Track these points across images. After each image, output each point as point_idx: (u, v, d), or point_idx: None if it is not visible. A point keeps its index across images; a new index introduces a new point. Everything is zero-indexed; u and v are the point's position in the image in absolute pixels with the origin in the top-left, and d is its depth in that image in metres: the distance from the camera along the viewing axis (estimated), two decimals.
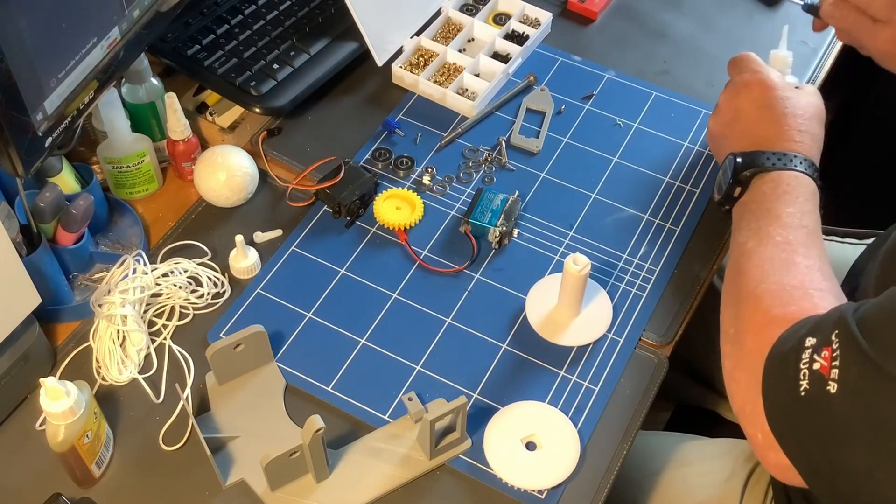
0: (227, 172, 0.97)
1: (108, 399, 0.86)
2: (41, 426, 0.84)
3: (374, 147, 1.06)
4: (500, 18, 1.19)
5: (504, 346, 0.91)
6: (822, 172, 0.87)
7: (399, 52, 1.13)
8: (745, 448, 1.01)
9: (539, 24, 1.18)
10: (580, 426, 0.85)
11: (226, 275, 0.94)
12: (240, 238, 0.92)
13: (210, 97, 1.11)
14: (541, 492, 0.81)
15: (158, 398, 0.86)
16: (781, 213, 0.82)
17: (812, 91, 0.93)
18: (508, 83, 1.13)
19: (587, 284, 0.89)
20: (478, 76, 1.12)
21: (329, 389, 0.87)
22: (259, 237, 0.98)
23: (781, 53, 1.02)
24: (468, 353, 0.90)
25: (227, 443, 0.83)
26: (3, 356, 0.82)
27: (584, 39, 1.20)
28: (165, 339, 0.90)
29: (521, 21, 1.18)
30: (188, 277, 0.93)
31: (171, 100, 0.96)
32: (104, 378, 0.87)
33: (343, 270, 0.96)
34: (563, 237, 0.99)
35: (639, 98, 1.12)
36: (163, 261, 0.94)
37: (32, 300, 0.82)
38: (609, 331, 0.92)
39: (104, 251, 0.95)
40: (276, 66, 1.08)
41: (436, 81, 1.11)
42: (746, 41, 1.19)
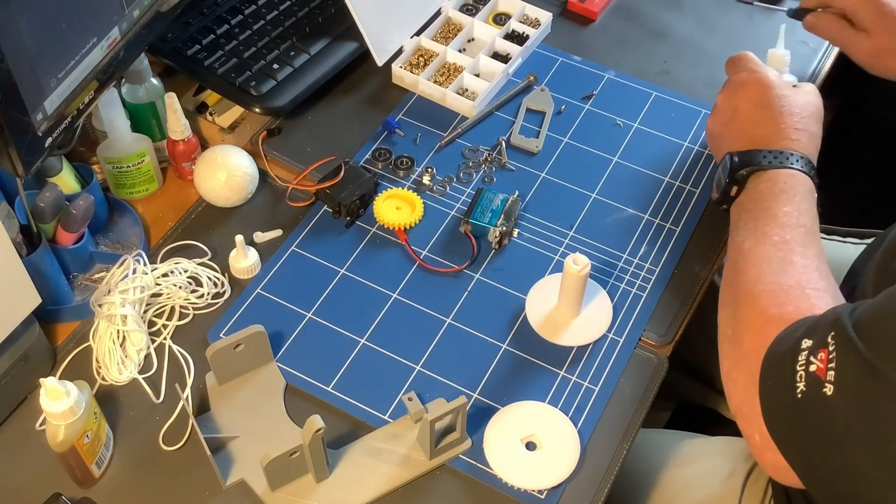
0: (227, 172, 0.97)
1: (108, 399, 0.86)
2: (41, 426, 0.84)
3: (374, 147, 1.06)
4: (500, 18, 1.19)
5: (504, 346, 0.91)
6: (823, 172, 0.87)
7: (399, 52, 1.13)
8: (745, 446, 1.00)
9: (539, 24, 1.18)
10: (580, 426, 0.85)
11: (226, 275, 0.94)
12: (240, 238, 0.92)
13: (210, 97, 1.11)
14: (541, 492, 0.81)
15: (158, 398, 0.86)
16: (778, 213, 0.82)
17: (810, 90, 0.93)
18: (508, 83, 1.13)
19: (587, 284, 0.89)
20: (478, 76, 1.12)
21: (329, 389, 0.87)
22: (259, 237, 0.98)
23: (779, 52, 1.02)
24: (468, 353, 0.90)
25: (227, 443, 0.83)
26: (3, 356, 0.82)
27: (584, 39, 1.20)
28: (165, 339, 0.90)
29: (521, 21, 1.18)
30: (188, 277, 0.93)
31: (171, 100, 0.96)
32: (104, 378, 0.87)
33: (343, 270, 0.96)
34: (563, 237, 0.99)
35: (639, 98, 1.12)
36: (163, 261, 0.94)
37: (32, 300, 0.82)
38: (609, 331, 0.92)
39: (104, 251, 0.95)
40: (276, 66, 1.08)
41: (436, 81, 1.11)
42: (746, 41, 1.19)
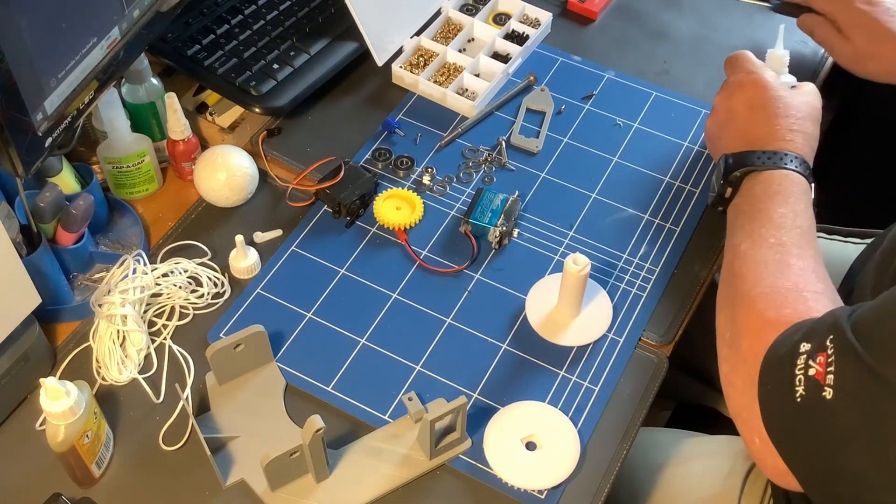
0: (227, 172, 0.97)
1: (108, 399, 0.86)
2: (41, 426, 0.84)
3: (374, 147, 1.06)
4: (500, 18, 1.19)
5: (504, 346, 0.91)
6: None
7: (399, 52, 1.13)
8: (745, 446, 1.01)
9: (539, 24, 1.18)
10: (580, 426, 0.85)
11: (226, 275, 0.94)
12: (240, 238, 0.92)
13: (210, 97, 1.11)
14: (541, 492, 0.81)
15: (158, 398, 0.86)
16: (774, 214, 0.82)
17: (809, 90, 0.93)
18: (508, 83, 1.13)
19: (587, 284, 0.89)
20: (478, 76, 1.12)
21: (329, 389, 0.87)
22: (259, 237, 0.98)
23: (778, 52, 1.02)
24: (468, 353, 0.90)
25: (227, 443, 0.83)
26: (3, 356, 0.82)
27: (584, 39, 1.20)
28: (165, 339, 0.90)
29: (521, 21, 1.18)
30: (188, 277, 0.93)
31: (171, 100, 0.96)
32: (104, 378, 0.87)
33: (343, 270, 0.96)
34: (563, 237, 0.99)
35: (639, 98, 1.12)
36: (163, 261, 0.94)
37: (32, 300, 0.82)
38: (609, 331, 0.92)
39: (104, 251, 0.95)
40: (276, 66, 1.08)
41: (436, 81, 1.11)
42: (746, 41, 1.19)
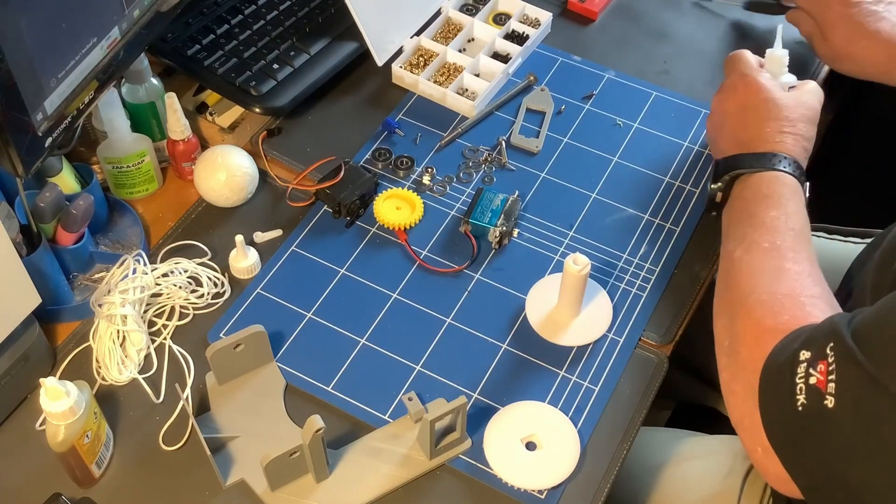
0: (227, 172, 0.97)
1: (108, 399, 0.86)
2: (41, 426, 0.84)
3: (374, 147, 1.06)
4: (500, 18, 1.19)
5: (504, 346, 0.91)
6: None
7: (399, 52, 1.13)
8: (747, 454, 1.01)
9: (539, 24, 1.18)
10: (580, 426, 0.85)
11: (226, 275, 0.94)
12: (240, 238, 0.92)
13: (210, 97, 1.11)
14: (541, 492, 0.81)
15: (158, 398, 0.86)
16: (766, 218, 0.81)
17: (808, 89, 0.92)
18: (508, 83, 1.13)
19: (587, 284, 0.89)
20: (478, 76, 1.12)
21: (329, 389, 0.87)
22: (259, 237, 0.98)
23: (777, 52, 1.01)
24: (468, 353, 0.90)
25: (227, 443, 0.83)
26: (3, 356, 0.82)
27: (584, 39, 1.20)
28: (165, 339, 0.90)
29: (521, 21, 1.18)
30: (188, 277, 0.93)
31: (171, 100, 0.96)
32: (104, 378, 0.87)
33: (343, 270, 0.96)
34: (563, 237, 0.99)
35: (639, 98, 1.12)
36: (163, 261, 0.94)
37: (32, 300, 0.82)
38: (609, 331, 0.92)
39: (104, 251, 0.95)
40: (276, 66, 1.08)
41: (436, 81, 1.11)
42: (746, 41, 1.19)
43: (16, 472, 0.82)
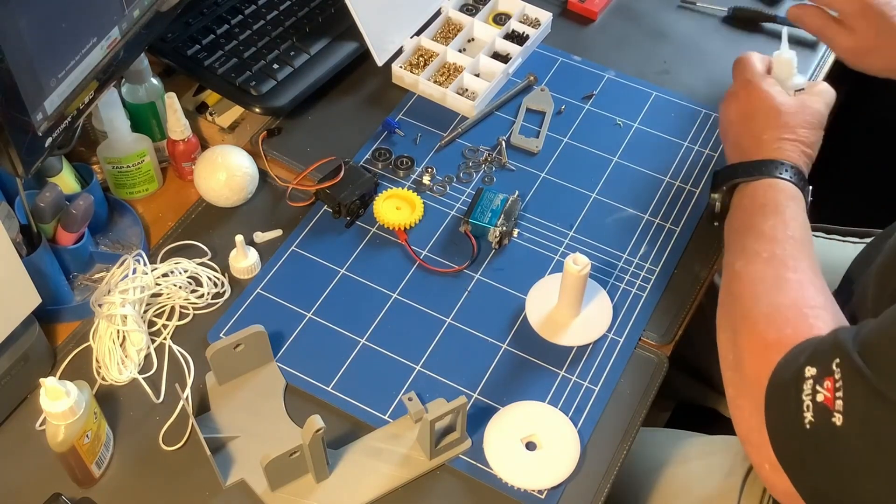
0: (227, 172, 0.97)
1: (108, 399, 0.86)
2: (41, 426, 0.84)
3: (374, 147, 1.06)
4: (500, 18, 1.19)
5: (504, 346, 0.91)
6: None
7: (399, 52, 1.13)
8: (755, 470, 1.00)
9: (539, 24, 1.18)
10: (580, 426, 0.85)
11: (226, 275, 0.94)
12: (240, 238, 0.92)
13: (210, 97, 1.11)
14: (541, 492, 0.81)
15: (158, 398, 0.86)
16: (764, 227, 0.80)
17: (818, 91, 0.91)
18: (508, 83, 1.13)
19: (587, 284, 0.89)
20: (478, 76, 1.12)
21: (329, 389, 0.87)
22: (259, 237, 0.98)
23: (784, 55, 0.98)
24: (468, 353, 0.90)
25: (227, 443, 0.83)
26: (3, 356, 0.82)
27: (584, 39, 1.20)
28: (165, 339, 0.90)
29: (521, 21, 1.18)
30: (188, 277, 0.93)
31: (171, 100, 0.96)
32: (104, 378, 0.87)
33: (343, 270, 0.96)
34: (563, 237, 0.99)
35: (639, 98, 1.12)
36: (163, 261, 0.94)
37: (32, 300, 0.82)
38: (609, 331, 0.92)
39: (104, 251, 0.95)
40: (276, 66, 1.08)
41: (436, 81, 1.11)
42: (746, 42, 1.19)
43: (16, 472, 0.82)
